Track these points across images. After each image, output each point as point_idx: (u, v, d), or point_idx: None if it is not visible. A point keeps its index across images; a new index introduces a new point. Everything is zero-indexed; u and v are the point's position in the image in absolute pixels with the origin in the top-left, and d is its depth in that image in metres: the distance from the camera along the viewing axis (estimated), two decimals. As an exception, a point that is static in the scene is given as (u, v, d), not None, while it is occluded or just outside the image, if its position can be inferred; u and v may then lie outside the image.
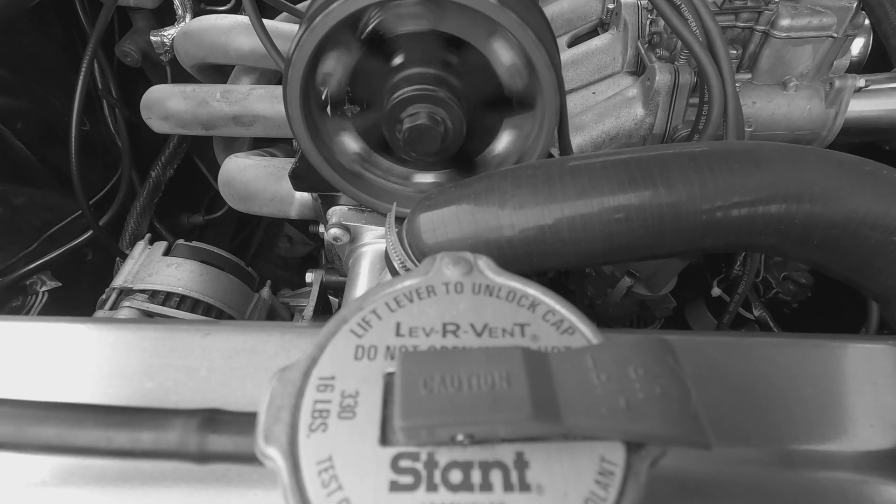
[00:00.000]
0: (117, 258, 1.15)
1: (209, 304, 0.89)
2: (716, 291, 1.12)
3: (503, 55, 0.47)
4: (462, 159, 0.54)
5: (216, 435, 0.20)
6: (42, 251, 1.04)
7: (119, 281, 0.89)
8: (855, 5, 0.71)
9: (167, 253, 0.93)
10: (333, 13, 0.42)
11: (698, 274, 1.22)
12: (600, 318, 1.00)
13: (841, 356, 0.30)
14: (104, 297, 0.89)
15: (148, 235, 0.97)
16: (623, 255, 0.42)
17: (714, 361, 0.28)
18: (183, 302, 0.88)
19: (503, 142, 0.54)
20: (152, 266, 0.90)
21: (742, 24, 0.76)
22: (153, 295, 0.87)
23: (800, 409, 0.26)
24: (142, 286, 0.88)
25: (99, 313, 0.86)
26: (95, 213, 1.10)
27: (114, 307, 0.86)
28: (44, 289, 1.01)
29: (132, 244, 1.17)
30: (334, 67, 0.48)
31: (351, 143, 0.54)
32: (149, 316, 0.85)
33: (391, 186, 0.56)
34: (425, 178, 0.56)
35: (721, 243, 0.41)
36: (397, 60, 0.48)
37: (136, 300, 0.86)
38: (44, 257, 1.03)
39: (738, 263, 1.02)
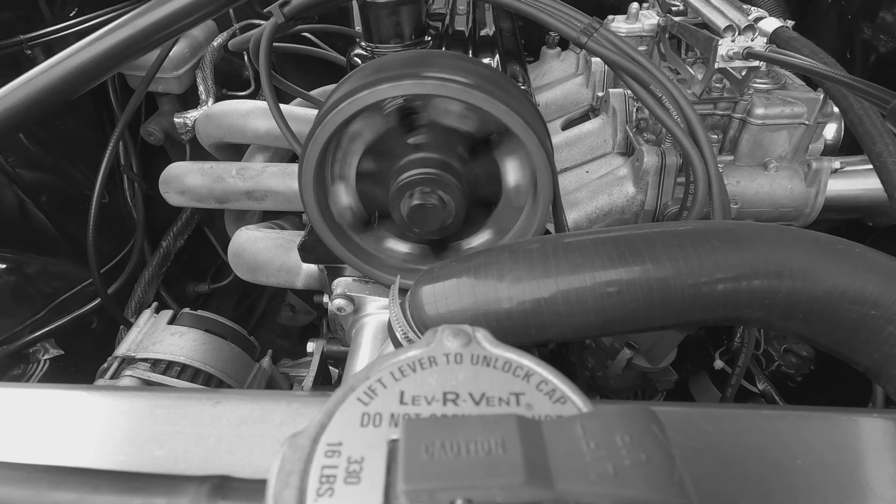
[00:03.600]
0: (121, 326, 1.16)
1: (209, 374, 0.89)
2: (718, 364, 1.11)
3: (511, 174, 0.51)
4: (438, 241, 0.57)
5: (226, 501, 0.21)
6: (48, 319, 1.05)
7: (122, 349, 0.90)
8: (822, 97, 0.77)
9: (172, 321, 0.94)
10: (350, 105, 0.47)
11: (701, 346, 1.22)
12: (602, 390, 0.99)
13: (831, 429, 0.31)
14: (106, 365, 0.89)
15: (155, 304, 0.98)
16: (617, 327, 0.43)
17: (704, 433, 0.29)
18: (184, 371, 0.88)
19: (483, 237, 0.57)
20: (157, 334, 0.91)
21: (721, 112, 0.82)
22: (155, 364, 0.88)
23: (791, 482, 0.27)
24: (144, 355, 0.89)
25: (99, 382, 0.85)
26: (104, 281, 1.13)
27: (115, 376, 0.87)
28: (46, 357, 1.01)
29: (137, 312, 1.19)
30: (353, 140, 0.52)
31: (345, 198, 0.57)
32: (149, 385, 0.85)
33: (369, 248, 0.58)
34: (398, 245, 0.59)
35: (711, 316, 0.43)
36: (413, 140, 0.52)
37: (138, 369, 0.86)
38: (50, 325, 1.04)
39: (738, 335, 1.03)
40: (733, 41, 0.71)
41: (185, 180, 0.97)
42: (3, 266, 1.01)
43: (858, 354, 0.42)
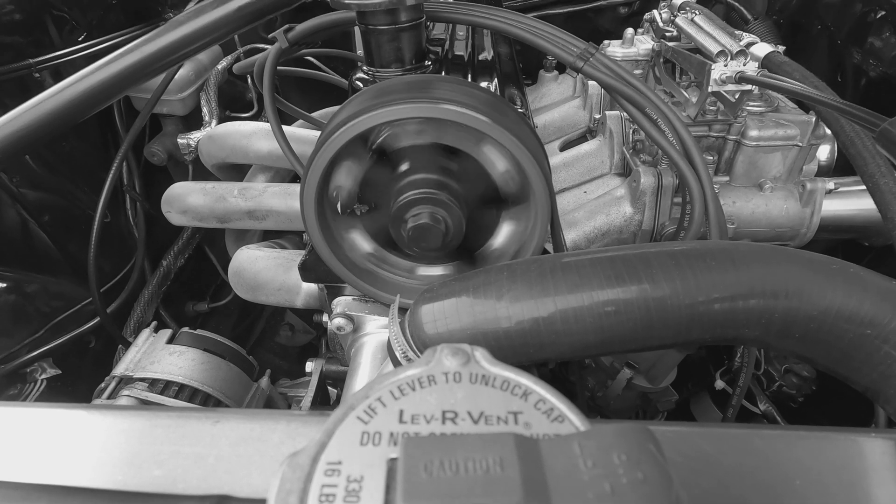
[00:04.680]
0: (119, 346, 1.15)
1: (207, 394, 0.89)
2: (719, 384, 1.11)
3: (497, 162, 0.53)
4: (464, 253, 0.58)
5: (224, 521, 0.21)
6: (47, 338, 1.05)
7: (120, 369, 0.89)
8: (814, 119, 0.79)
9: (171, 340, 0.94)
10: (352, 128, 0.48)
11: (701, 366, 1.22)
12: (602, 411, 0.98)
13: (830, 449, 0.31)
14: (103, 385, 0.89)
15: (154, 323, 0.98)
16: (615, 346, 0.44)
17: (702, 452, 0.29)
18: (182, 391, 0.87)
19: (502, 235, 0.58)
20: (155, 354, 0.91)
21: (715, 134, 0.84)
22: (153, 383, 0.87)
23: (789, 502, 0.27)
24: (142, 374, 0.88)
25: (97, 402, 0.85)
26: (104, 300, 1.13)
27: (112, 395, 0.86)
28: (43, 376, 1.01)
29: (136, 332, 1.19)
30: (347, 174, 0.54)
31: (361, 240, 0.58)
32: (146, 405, 0.84)
33: (397, 279, 0.59)
34: (430, 271, 0.60)
35: (708, 336, 0.44)
36: (403, 167, 0.54)
37: (136, 389, 0.86)
38: (48, 344, 1.04)
39: (739, 355, 1.03)
40: (726, 66, 0.73)
41: (187, 200, 0.98)
42: (3, 285, 1.02)
43: (856, 374, 0.42)
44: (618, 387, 0.91)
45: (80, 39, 1.11)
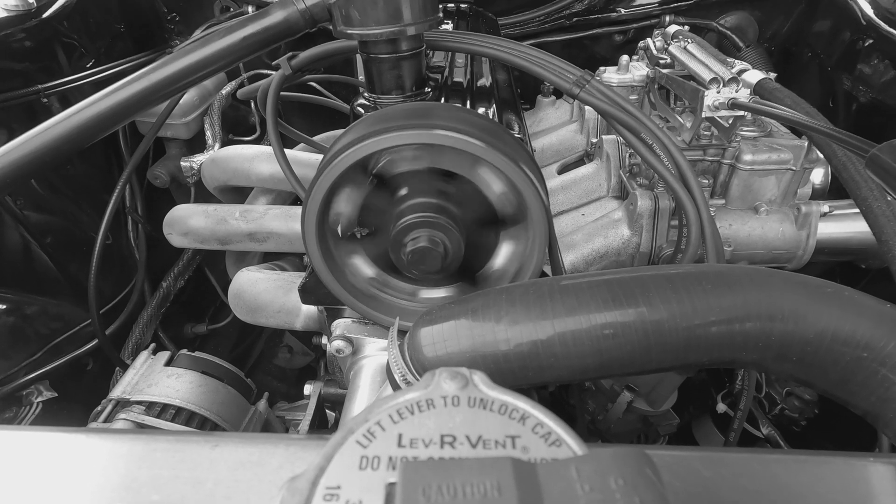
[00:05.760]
0: (117, 368, 1.15)
1: (204, 417, 0.88)
2: (721, 407, 1.10)
3: (493, 185, 0.54)
4: (466, 275, 0.58)
5: (223, 546, 0.21)
6: (45, 360, 1.05)
7: (118, 392, 0.89)
8: (807, 144, 0.80)
9: (169, 362, 0.94)
10: (354, 153, 0.49)
11: (703, 389, 1.21)
12: (603, 435, 0.97)
13: (829, 474, 0.31)
14: (99, 408, 0.88)
15: (152, 345, 0.98)
16: (614, 369, 0.44)
17: (700, 477, 0.29)
18: (178, 414, 0.87)
19: (502, 256, 0.58)
20: (153, 376, 0.91)
21: (710, 158, 0.85)
22: (150, 407, 0.87)
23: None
24: (139, 397, 0.88)
25: (93, 425, 0.84)
26: (103, 322, 1.12)
27: (109, 419, 0.85)
28: (39, 399, 1.00)
29: (134, 354, 1.18)
30: (347, 199, 0.55)
31: (362, 265, 0.59)
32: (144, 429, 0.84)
33: (400, 303, 0.59)
34: (433, 293, 0.60)
35: (706, 359, 0.44)
36: (402, 192, 0.55)
37: (132, 412, 0.85)
38: (45, 366, 1.04)
39: (740, 378, 1.03)
40: (718, 92, 0.75)
41: (188, 222, 0.99)
42: (3, 307, 1.02)
43: (855, 398, 0.42)
44: (618, 410, 0.91)
45: (88, 66, 1.13)
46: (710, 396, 1.13)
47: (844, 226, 0.88)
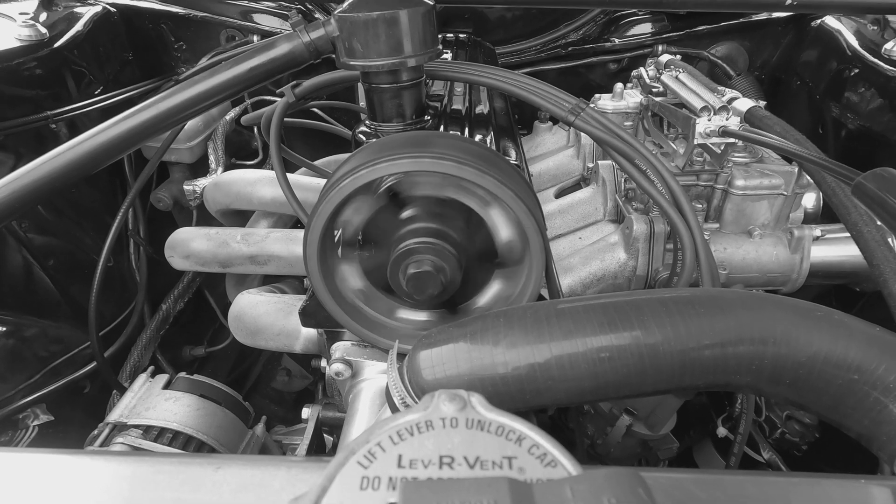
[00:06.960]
0: (114, 391, 1.14)
1: (201, 441, 0.88)
2: (721, 431, 1.09)
3: (502, 229, 0.55)
4: (448, 303, 0.59)
5: (226, 567, 0.21)
6: (42, 383, 1.04)
7: (115, 415, 0.89)
8: (797, 170, 0.82)
9: (167, 385, 0.94)
10: (355, 180, 0.51)
11: (703, 413, 1.20)
12: (602, 459, 0.97)
13: (823, 497, 0.31)
14: (96, 432, 0.88)
15: (151, 368, 0.98)
16: (610, 392, 0.44)
17: (695, 499, 0.29)
18: (175, 438, 0.86)
19: (489, 294, 0.59)
20: (151, 399, 0.91)
21: (703, 183, 0.87)
22: (147, 430, 0.86)
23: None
24: (137, 421, 0.87)
25: (89, 450, 0.84)
26: (102, 344, 1.12)
27: (105, 443, 0.85)
28: (35, 423, 0.99)
29: (132, 376, 1.18)
30: (354, 213, 0.56)
31: (353, 276, 0.59)
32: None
33: (377, 318, 0.60)
34: (412, 315, 0.61)
35: (701, 382, 0.44)
36: (406, 214, 0.56)
37: (130, 436, 0.85)
38: (42, 389, 1.03)
39: (739, 401, 1.02)
40: (709, 120, 0.77)
41: (190, 245, 1.00)
42: (2, 329, 1.02)
43: (849, 421, 0.43)
44: (617, 434, 0.90)
45: (96, 93, 1.16)
46: (711, 420, 1.13)
47: (837, 249, 0.89)
